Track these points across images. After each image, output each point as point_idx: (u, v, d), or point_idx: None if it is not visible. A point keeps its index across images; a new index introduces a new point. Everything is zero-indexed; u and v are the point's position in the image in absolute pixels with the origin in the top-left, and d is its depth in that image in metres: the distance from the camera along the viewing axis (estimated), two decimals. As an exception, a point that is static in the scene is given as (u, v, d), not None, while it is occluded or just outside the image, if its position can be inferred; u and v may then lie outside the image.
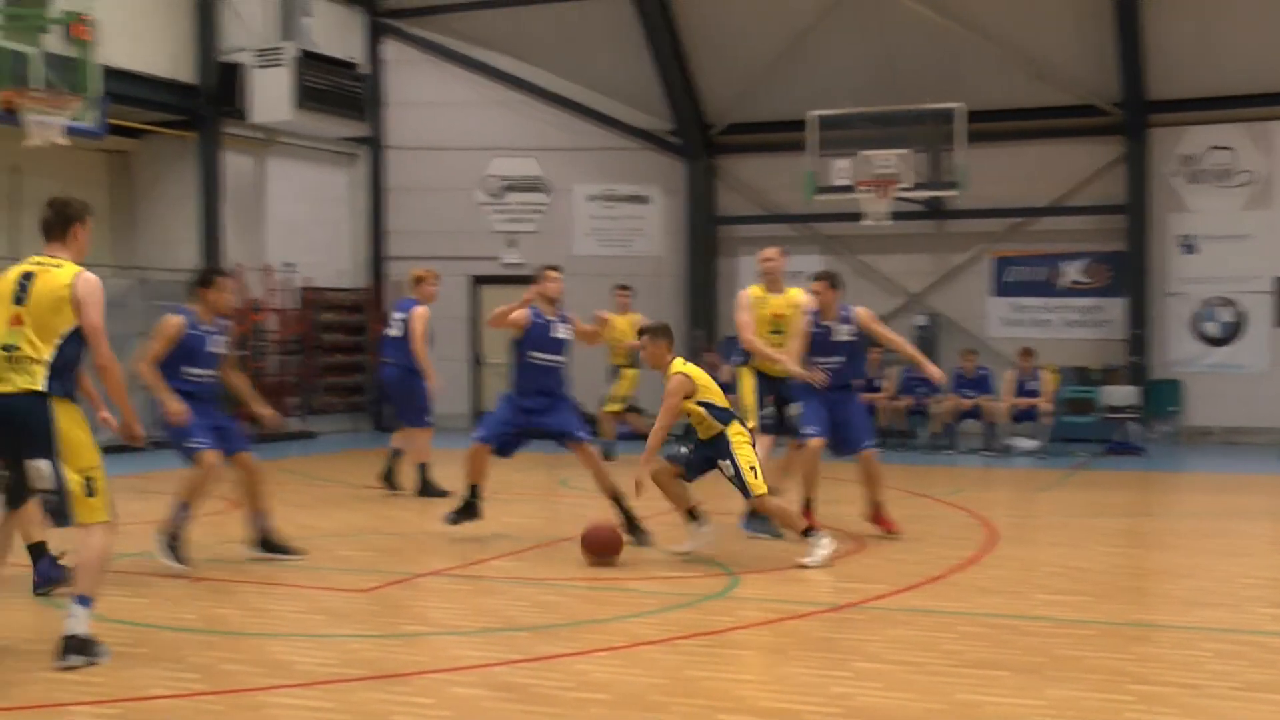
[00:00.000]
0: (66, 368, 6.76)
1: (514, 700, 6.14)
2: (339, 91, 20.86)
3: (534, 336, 10.60)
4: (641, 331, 10.29)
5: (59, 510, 6.76)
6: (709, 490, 10.44)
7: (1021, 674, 6.59)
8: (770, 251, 11.44)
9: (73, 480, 6.69)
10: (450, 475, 11.04)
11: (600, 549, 9.65)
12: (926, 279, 22.10)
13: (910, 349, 11.53)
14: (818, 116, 19.74)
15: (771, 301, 11.22)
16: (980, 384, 19.29)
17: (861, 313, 11.02)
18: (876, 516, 10.94)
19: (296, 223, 21.98)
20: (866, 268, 22.05)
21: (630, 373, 17.45)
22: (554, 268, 10.94)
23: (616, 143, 23.17)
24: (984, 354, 20.29)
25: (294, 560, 9.67)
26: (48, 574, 8.44)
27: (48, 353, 6.70)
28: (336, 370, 22.55)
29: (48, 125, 14.23)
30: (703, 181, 22.90)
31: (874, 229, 20.07)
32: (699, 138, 22.79)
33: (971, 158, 19.29)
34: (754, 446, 9.83)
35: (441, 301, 14.83)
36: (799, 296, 11.17)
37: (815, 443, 10.69)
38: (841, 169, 19.64)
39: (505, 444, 10.56)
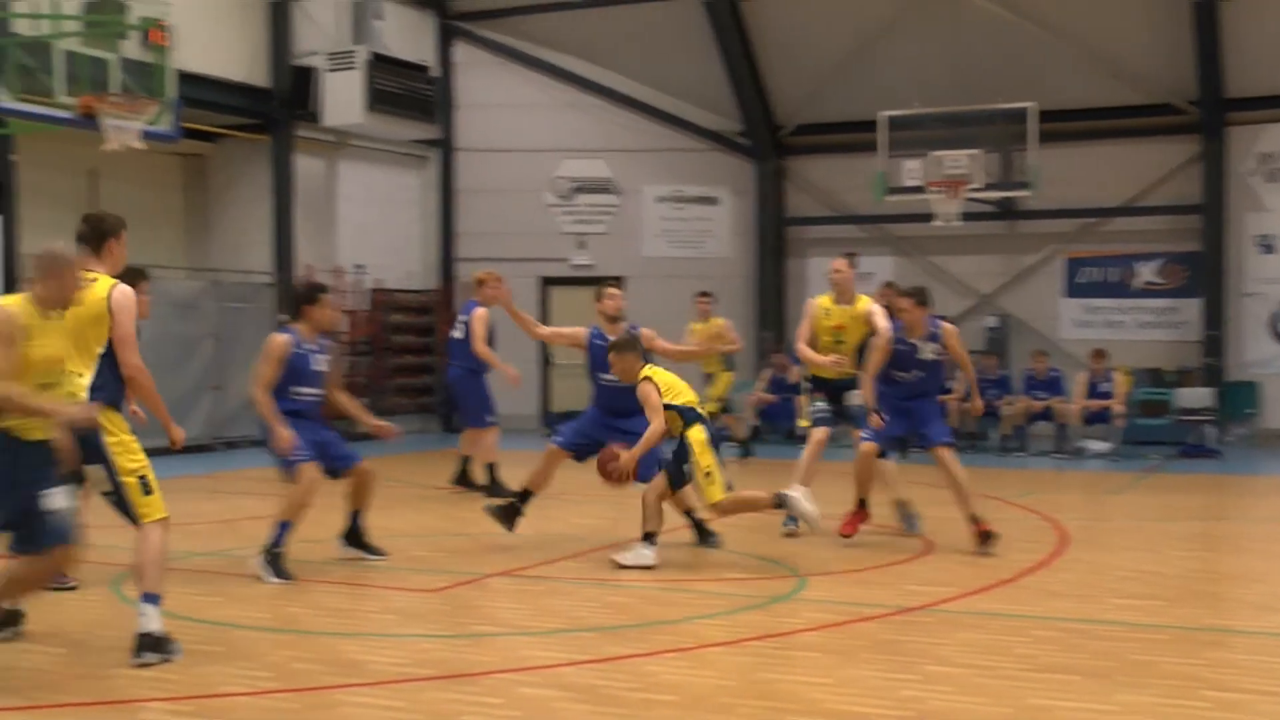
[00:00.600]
0: (110, 377, 6.92)
1: (582, 701, 6.15)
2: (410, 94, 20.99)
3: (596, 357, 10.52)
4: (610, 349, 10.05)
5: (123, 510, 6.94)
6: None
7: (1093, 679, 6.53)
8: (839, 262, 11.30)
9: (128, 482, 6.88)
10: (518, 477, 11.05)
11: (605, 469, 9.69)
12: (997, 280, 21.94)
13: (971, 374, 11.26)
14: (888, 117, 19.68)
15: (835, 312, 11.15)
16: (1051, 386, 19.13)
17: (949, 330, 10.71)
18: (975, 529, 10.25)
19: (367, 225, 22.14)
20: (937, 269, 21.92)
21: (725, 375, 17.59)
22: (614, 285, 10.82)
23: (686, 144, 23.18)
24: (1055, 355, 20.12)
25: (374, 560, 9.74)
26: None
27: (90, 364, 6.85)
28: (406, 371, 22.71)
29: (124, 130, 14.39)
30: (772, 182, 22.87)
31: (944, 230, 19.97)
32: (768, 139, 22.76)
33: (1044, 157, 19.13)
34: (715, 446, 9.65)
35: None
36: (865, 306, 11.06)
37: (865, 447, 10.47)
38: (912, 169, 19.54)
39: (581, 452, 10.56)
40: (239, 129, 20.48)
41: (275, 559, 9.05)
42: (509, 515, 10.50)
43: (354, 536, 9.82)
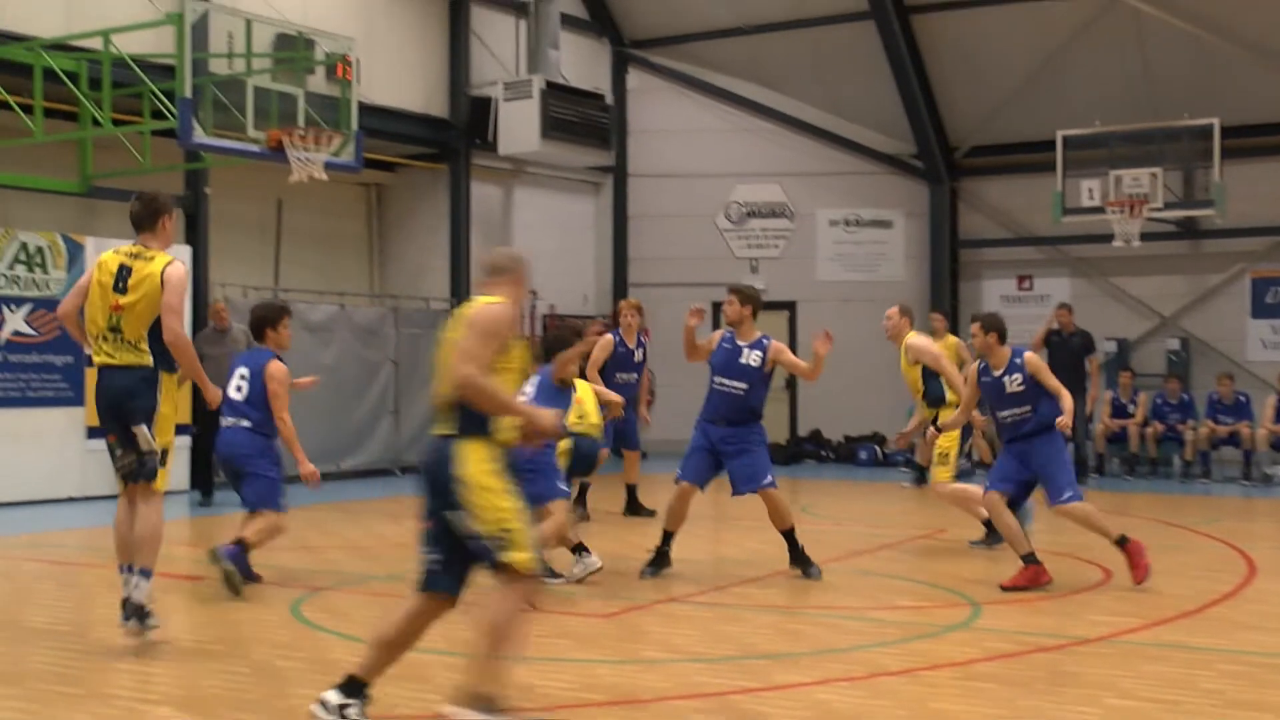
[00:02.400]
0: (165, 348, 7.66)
1: (753, 728, 6.15)
2: (584, 122, 21.19)
3: (719, 360, 10.56)
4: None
5: (144, 472, 7.63)
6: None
7: (1283, 716, 6.33)
8: (890, 310, 12.04)
9: (156, 451, 7.66)
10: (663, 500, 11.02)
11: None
12: (1180, 301, 21.36)
13: (1069, 404, 9.85)
14: (1065, 136, 19.36)
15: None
16: (1238, 410, 18.57)
17: (1030, 361, 10.00)
18: (1126, 555, 9.76)
19: (541, 251, 22.35)
20: (1117, 290, 21.46)
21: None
22: (734, 290, 10.80)
23: (859, 167, 23.05)
24: (1242, 379, 19.52)
25: (549, 583, 9.84)
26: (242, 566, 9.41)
27: (144, 335, 7.59)
28: (581, 395, 22.87)
29: (310, 162, 14.79)
30: (946, 205, 22.62)
31: (1124, 250, 19.54)
32: (942, 161, 22.51)
33: (1230, 174, 18.65)
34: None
35: (678, 327, 14.99)
36: (906, 343, 11.80)
37: (988, 499, 10.05)
38: (1091, 189, 19.23)
39: (705, 481, 10.50)
40: (418, 158, 20.94)
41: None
42: (659, 564, 10.48)
43: None
